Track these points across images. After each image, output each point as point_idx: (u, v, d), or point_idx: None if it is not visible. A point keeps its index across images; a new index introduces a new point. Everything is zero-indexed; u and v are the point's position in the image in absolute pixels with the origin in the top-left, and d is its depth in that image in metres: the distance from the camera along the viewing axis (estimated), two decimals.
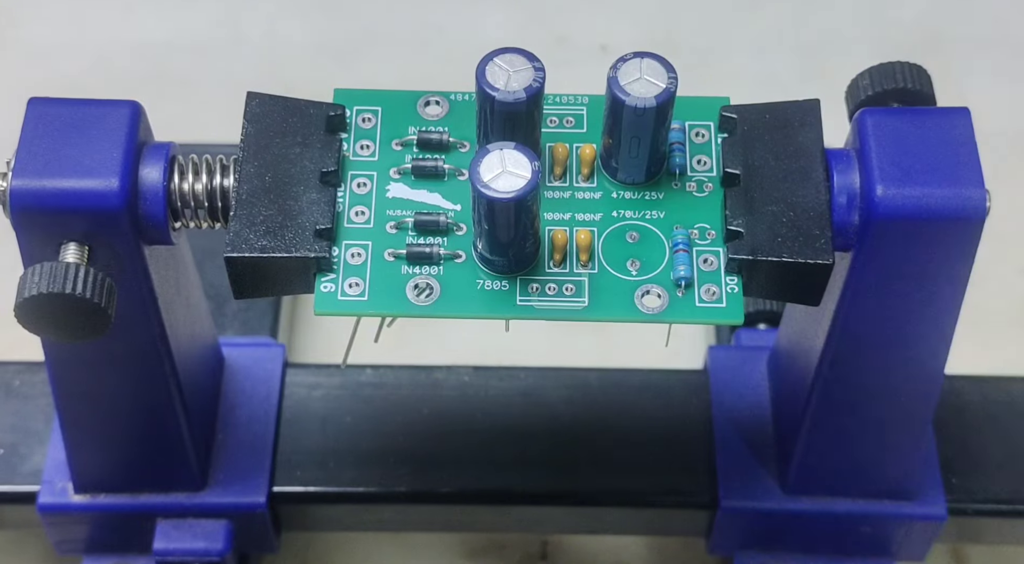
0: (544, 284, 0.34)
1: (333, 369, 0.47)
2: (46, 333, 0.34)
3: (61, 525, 0.45)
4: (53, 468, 0.45)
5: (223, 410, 0.46)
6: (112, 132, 0.35)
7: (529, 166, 0.31)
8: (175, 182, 0.35)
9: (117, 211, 0.34)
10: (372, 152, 0.35)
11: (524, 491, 0.46)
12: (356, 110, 0.36)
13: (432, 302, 0.33)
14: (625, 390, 0.47)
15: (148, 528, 0.45)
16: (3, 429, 0.46)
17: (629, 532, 0.49)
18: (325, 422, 0.46)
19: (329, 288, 0.34)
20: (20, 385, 0.47)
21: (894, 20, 0.65)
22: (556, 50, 0.64)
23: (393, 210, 0.35)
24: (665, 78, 0.33)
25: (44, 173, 0.34)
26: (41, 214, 0.34)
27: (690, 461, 0.45)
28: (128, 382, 0.40)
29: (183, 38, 0.64)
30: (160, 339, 0.39)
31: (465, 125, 0.36)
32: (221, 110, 0.60)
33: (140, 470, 0.44)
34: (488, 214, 0.32)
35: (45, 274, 0.33)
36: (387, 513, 0.47)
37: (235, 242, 0.34)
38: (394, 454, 0.46)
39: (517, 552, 0.50)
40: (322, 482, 0.45)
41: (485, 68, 0.33)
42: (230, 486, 0.44)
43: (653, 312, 0.33)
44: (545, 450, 0.46)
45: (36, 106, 0.35)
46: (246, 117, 0.35)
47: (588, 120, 0.36)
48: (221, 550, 0.44)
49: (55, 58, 0.63)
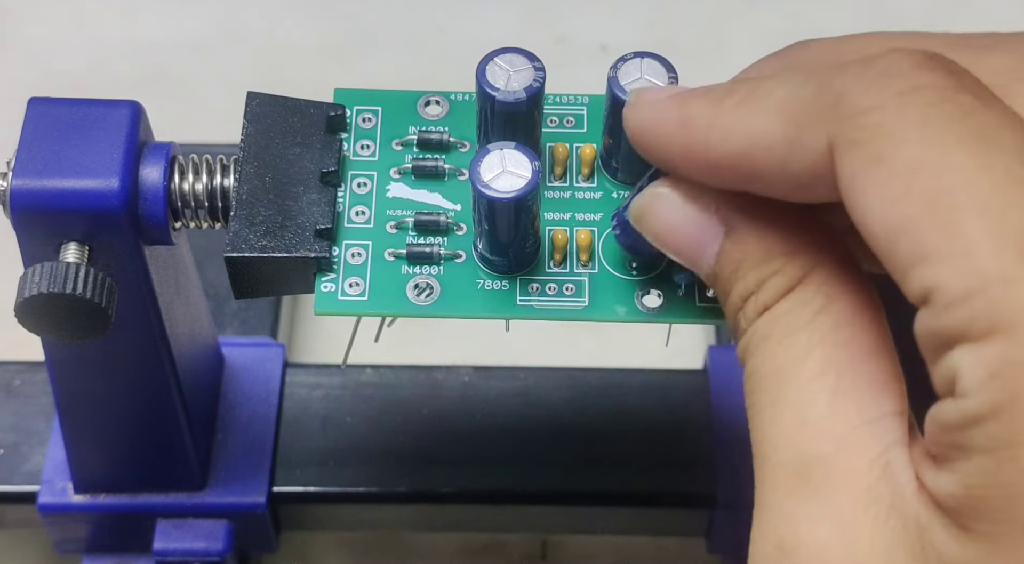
0: (544, 284, 0.34)
1: (333, 369, 0.47)
2: (46, 333, 0.34)
3: (61, 525, 0.45)
4: (53, 468, 0.45)
5: (223, 410, 0.46)
6: (112, 132, 0.35)
7: (529, 166, 0.31)
8: (175, 182, 0.35)
9: (117, 211, 0.34)
10: (372, 152, 0.35)
11: (524, 491, 0.46)
12: (356, 110, 0.36)
13: (432, 302, 0.33)
14: (625, 390, 0.47)
15: (148, 528, 0.45)
16: (3, 429, 0.46)
17: (629, 532, 0.49)
18: (325, 422, 0.46)
19: (329, 288, 0.34)
20: (20, 385, 0.47)
21: (894, 20, 0.65)
22: (556, 50, 0.64)
23: (393, 210, 0.35)
24: (665, 78, 0.33)
25: (44, 173, 0.34)
26: (41, 214, 0.34)
27: (690, 461, 0.45)
28: (128, 382, 0.40)
29: (183, 38, 0.64)
30: (160, 339, 0.39)
31: (465, 125, 0.36)
32: (221, 110, 0.60)
33: (140, 470, 0.44)
34: (488, 214, 0.32)
35: (45, 274, 0.33)
36: (387, 513, 0.47)
37: (235, 242, 0.34)
38: (394, 454, 0.46)
39: (517, 552, 0.50)
40: (322, 482, 0.45)
41: (485, 68, 0.33)
42: (230, 486, 0.45)
43: (653, 312, 0.33)
44: (545, 450, 0.46)
45: (36, 106, 0.35)
46: (246, 117, 0.35)
47: (588, 120, 0.36)
48: (221, 550, 0.44)
49: (55, 58, 0.63)
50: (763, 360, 0.26)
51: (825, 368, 0.25)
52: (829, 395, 0.25)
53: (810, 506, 0.24)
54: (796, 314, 0.26)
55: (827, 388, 0.25)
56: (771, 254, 0.27)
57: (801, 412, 0.25)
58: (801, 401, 0.25)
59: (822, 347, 0.25)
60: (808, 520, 0.24)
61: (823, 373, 0.25)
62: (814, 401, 0.25)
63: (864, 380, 0.25)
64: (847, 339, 0.25)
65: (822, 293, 0.26)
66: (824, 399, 0.25)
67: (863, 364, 0.25)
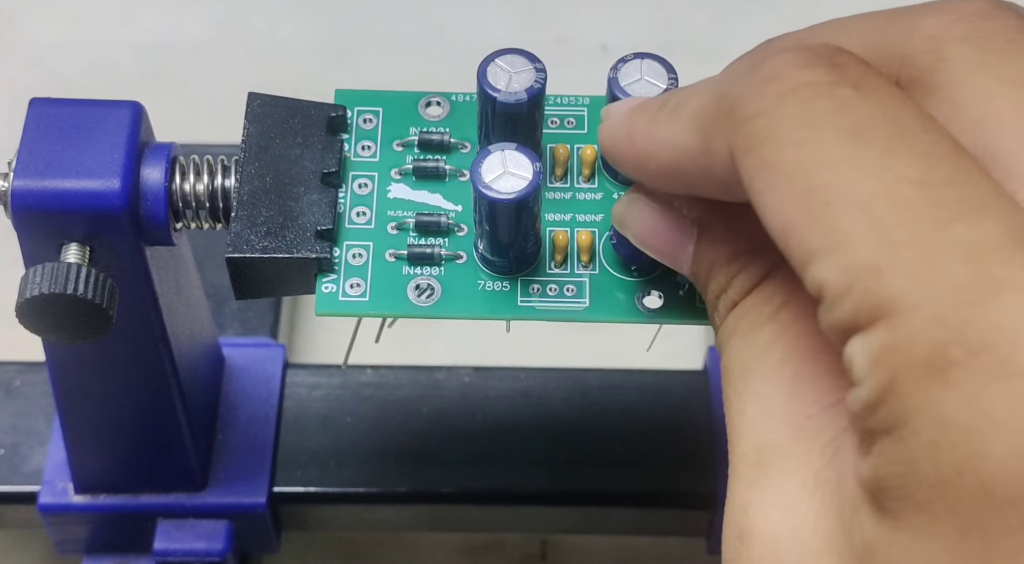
0: (545, 285, 0.34)
1: (334, 369, 0.47)
2: (47, 334, 0.34)
3: (62, 525, 0.45)
4: (54, 468, 0.45)
5: (223, 410, 0.46)
6: (114, 133, 0.35)
7: (530, 167, 0.31)
8: (176, 183, 0.35)
9: (118, 212, 0.34)
10: (373, 153, 0.36)
11: (524, 491, 0.46)
12: (357, 111, 0.36)
13: (433, 303, 0.33)
14: (625, 390, 0.47)
15: (149, 528, 0.45)
16: (4, 429, 0.46)
17: (629, 532, 0.49)
18: (325, 422, 0.46)
19: (330, 289, 0.34)
20: (21, 385, 0.47)
21: None
22: (556, 50, 0.64)
23: (394, 211, 0.35)
24: (665, 79, 0.33)
25: (45, 174, 0.34)
26: (42, 215, 0.34)
27: (690, 461, 0.45)
28: (129, 382, 0.40)
29: (183, 38, 0.64)
30: (161, 339, 0.39)
31: (466, 126, 0.36)
32: (221, 110, 0.60)
33: (141, 470, 0.44)
34: (489, 215, 0.32)
35: (46, 275, 0.33)
36: (387, 513, 0.47)
37: (236, 243, 0.34)
38: (394, 454, 0.46)
39: (517, 552, 0.50)
40: (322, 482, 0.45)
41: (486, 69, 0.33)
42: (230, 486, 0.45)
43: (654, 313, 0.33)
44: (545, 450, 0.46)
45: (38, 106, 0.35)
46: (247, 117, 0.35)
47: (589, 121, 0.36)
48: (221, 550, 0.44)
49: (55, 58, 0.63)
50: (731, 355, 0.27)
51: (786, 359, 0.26)
52: (789, 385, 0.26)
53: (765, 494, 0.25)
54: (759, 310, 0.27)
55: (787, 379, 0.26)
56: (738, 252, 0.27)
57: (763, 403, 0.26)
58: (763, 392, 0.26)
59: (783, 339, 0.26)
60: (762, 507, 0.25)
61: (784, 364, 0.26)
62: (775, 392, 0.26)
63: (823, 369, 0.25)
64: (807, 331, 0.26)
65: (785, 288, 0.26)
66: (784, 390, 0.26)
67: (822, 354, 0.26)
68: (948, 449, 0.21)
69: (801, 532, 0.24)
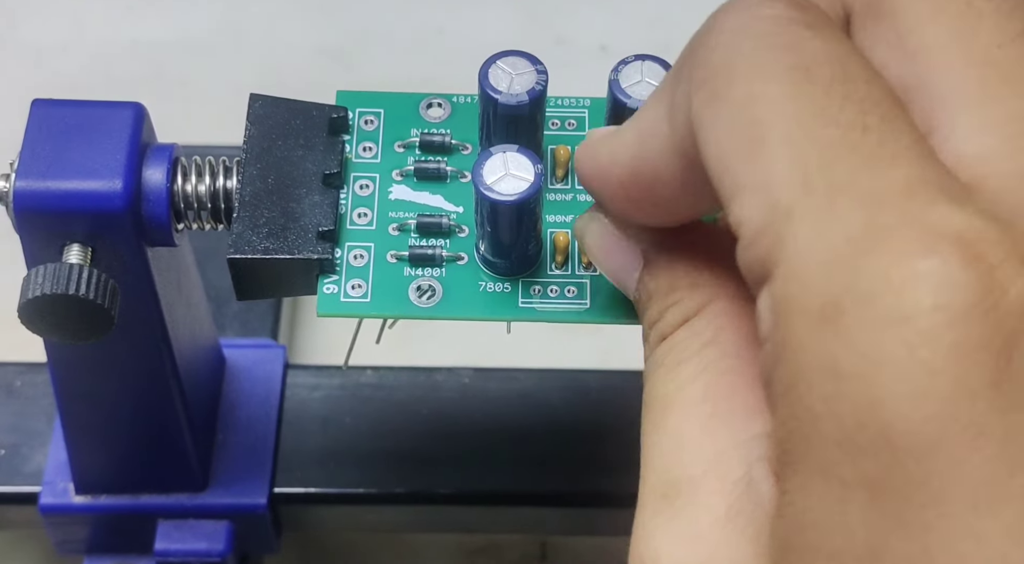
0: (546, 286, 0.34)
1: (334, 370, 0.47)
2: (49, 334, 0.34)
3: (62, 525, 0.45)
4: (54, 469, 0.45)
5: (224, 411, 0.46)
6: (116, 133, 0.35)
7: (532, 169, 0.31)
8: (178, 184, 0.35)
9: (120, 213, 0.34)
10: (375, 154, 0.36)
11: (524, 491, 0.46)
12: (358, 112, 0.36)
13: (434, 304, 0.34)
14: (625, 392, 0.47)
15: (149, 529, 0.45)
16: (5, 430, 0.46)
17: (628, 533, 0.49)
18: (326, 423, 0.46)
19: (332, 289, 0.34)
20: (22, 386, 0.47)
21: None
22: (556, 51, 0.64)
23: (395, 212, 0.35)
24: None
25: (48, 174, 0.34)
26: (44, 215, 0.34)
27: None
28: (130, 383, 0.41)
29: (183, 38, 0.64)
30: (162, 340, 0.39)
31: (467, 127, 0.36)
32: (221, 111, 0.60)
33: (141, 471, 0.44)
34: (491, 217, 0.32)
35: (48, 275, 0.33)
36: (387, 513, 0.47)
37: (238, 244, 0.34)
38: (394, 455, 0.46)
39: (517, 552, 0.51)
40: (323, 483, 0.45)
41: (488, 71, 0.33)
42: (231, 487, 0.45)
43: None
44: (545, 451, 0.46)
45: (40, 107, 0.35)
46: (249, 119, 0.35)
47: (590, 122, 0.36)
48: (222, 551, 0.44)
49: (55, 58, 0.63)
50: (653, 386, 0.27)
51: (704, 396, 0.26)
52: (704, 422, 0.25)
53: (670, 526, 0.25)
54: (686, 345, 0.26)
55: (703, 416, 0.25)
56: (675, 286, 0.27)
57: (677, 437, 0.26)
58: (679, 427, 0.26)
59: (704, 376, 0.26)
60: (666, 540, 0.25)
61: (702, 401, 0.26)
62: (691, 427, 0.25)
63: (739, 407, 0.25)
64: (730, 369, 0.26)
65: (713, 325, 0.26)
66: (699, 426, 0.25)
67: (740, 393, 0.25)
68: (845, 401, 0.21)
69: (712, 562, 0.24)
